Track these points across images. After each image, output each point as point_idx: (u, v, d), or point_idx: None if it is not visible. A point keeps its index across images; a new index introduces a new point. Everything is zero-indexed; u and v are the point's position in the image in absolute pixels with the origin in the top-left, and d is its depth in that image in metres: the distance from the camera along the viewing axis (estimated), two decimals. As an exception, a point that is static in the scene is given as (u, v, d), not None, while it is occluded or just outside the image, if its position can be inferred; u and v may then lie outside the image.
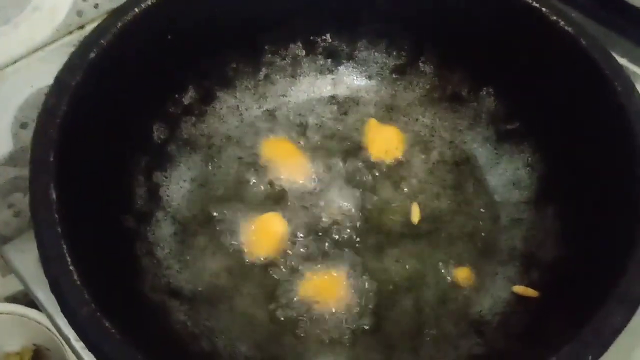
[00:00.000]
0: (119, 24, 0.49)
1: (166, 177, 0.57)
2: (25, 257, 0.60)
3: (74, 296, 0.37)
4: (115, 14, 0.50)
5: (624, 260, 0.42)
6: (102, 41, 0.48)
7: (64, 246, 0.38)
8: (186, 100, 0.59)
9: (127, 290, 0.46)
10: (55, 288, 0.37)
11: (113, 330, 0.36)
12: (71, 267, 0.38)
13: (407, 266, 0.55)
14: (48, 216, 0.39)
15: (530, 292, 0.50)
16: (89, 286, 0.38)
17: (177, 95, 0.58)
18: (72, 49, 0.49)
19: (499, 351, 0.47)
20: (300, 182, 0.59)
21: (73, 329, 0.36)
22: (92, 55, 0.47)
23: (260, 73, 0.63)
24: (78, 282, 0.37)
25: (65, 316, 0.37)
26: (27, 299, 0.69)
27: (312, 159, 0.60)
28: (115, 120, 0.51)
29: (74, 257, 0.38)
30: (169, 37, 0.54)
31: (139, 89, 0.52)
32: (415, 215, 0.57)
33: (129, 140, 0.53)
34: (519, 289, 0.51)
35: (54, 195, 0.40)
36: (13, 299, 0.70)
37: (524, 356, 0.43)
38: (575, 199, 0.53)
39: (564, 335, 0.41)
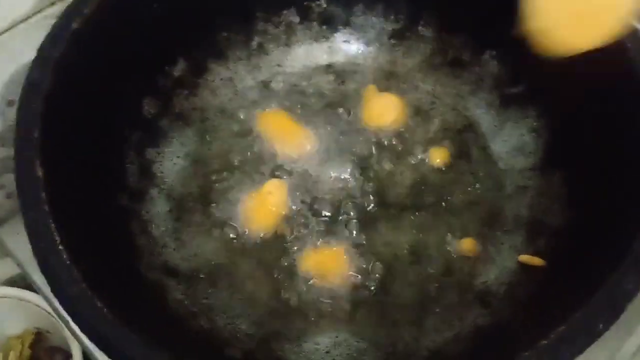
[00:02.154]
0: (102, -8, 0.47)
1: (159, 153, 0.55)
2: (20, 240, 0.57)
3: (63, 275, 0.35)
4: (97, -18, 0.47)
5: (635, 223, 0.40)
6: (85, 10, 0.46)
7: (52, 225, 0.37)
8: (177, 72, 0.56)
9: (122, 269, 0.44)
10: (45, 267, 0.36)
11: (105, 310, 0.34)
12: (60, 247, 0.36)
13: (410, 238, 0.53)
14: (34, 194, 0.37)
15: (537, 261, 0.49)
16: (80, 265, 0.36)
17: (167, 68, 0.56)
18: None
19: (505, 321, 0.46)
20: (298, 154, 0.57)
21: (64, 308, 0.35)
22: (75, 25, 0.45)
23: (253, 42, 0.61)
24: (67, 261, 0.36)
25: (55, 295, 0.35)
26: (25, 282, 0.68)
27: (310, 131, 0.58)
28: (103, 93, 0.49)
29: (63, 236, 0.37)
30: (155, 5, 0.52)
31: (126, 60, 0.50)
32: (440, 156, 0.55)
33: (119, 115, 0.51)
34: (525, 258, 0.50)
35: (39, 173, 0.38)
36: (12, 282, 0.69)
37: (531, 325, 0.42)
38: (583, 164, 0.51)
39: (573, 303, 0.39)
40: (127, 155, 0.52)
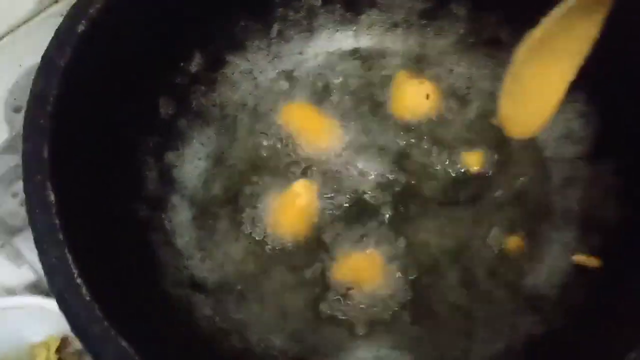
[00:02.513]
0: (109, -12, 0.43)
1: (179, 157, 0.51)
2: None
3: (82, 313, 0.32)
4: (103, -23, 0.43)
5: None
6: (91, 10, 0.42)
7: (69, 256, 0.34)
8: (193, 68, 0.52)
9: (146, 291, 0.41)
10: (62, 304, 0.33)
11: (130, 348, 0.31)
12: (78, 280, 0.33)
13: (450, 237, 0.49)
14: (47, 222, 0.34)
15: (592, 262, 0.45)
16: (100, 299, 0.33)
17: (182, 64, 0.52)
18: (60, 20, 0.43)
19: (560, 330, 0.42)
20: (327, 150, 0.53)
21: (85, 349, 0.32)
22: (81, 28, 0.41)
23: (273, 30, 0.56)
24: (87, 297, 0.33)
25: (76, 335, 0.33)
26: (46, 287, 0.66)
27: (338, 123, 0.54)
28: (115, 98, 0.45)
29: (80, 268, 0.34)
30: (168, -2, 0.47)
31: (138, 60, 0.46)
32: (475, 162, 0.51)
33: (133, 119, 0.48)
34: (580, 258, 0.46)
35: (51, 197, 0.35)
36: (32, 287, 0.67)
37: (592, 340, 0.38)
38: (637, 151, 0.47)
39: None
40: (145, 161, 0.49)
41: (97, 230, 0.39)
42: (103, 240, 0.39)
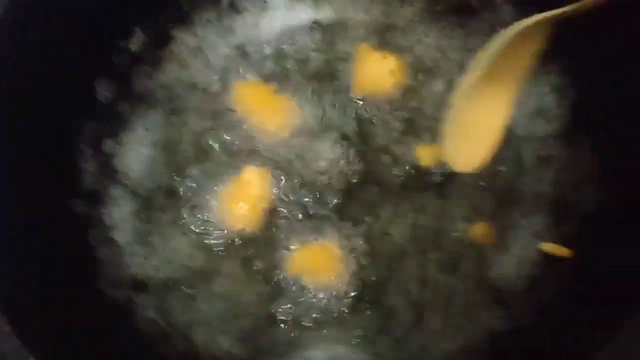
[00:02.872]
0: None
1: (120, 145, 0.48)
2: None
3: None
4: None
5: None
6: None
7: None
8: (134, 46, 0.48)
9: (78, 295, 0.38)
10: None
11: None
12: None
13: (412, 225, 0.46)
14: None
15: (562, 251, 0.41)
16: (12, 315, 0.30)
17: (120, 42, 0.48)
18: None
19: (525, 328, 0.39)
20: (282, 133, 0.49)
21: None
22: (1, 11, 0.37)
23: (223, 1, 0.52)
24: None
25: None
26: None
27: (294, 103, 0.50)
28: (44, 83, 0.41)
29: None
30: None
31: (68, 40, 0.42)
32: (426, 157, 0.47)
33: (67, 106, 0.44)
34: (548, 247, 0.42)
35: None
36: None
37: (558, 338, 0.35)
38: (616, 130, 0.43)
39: (609, 310, 0.32)
40: (81, 152, 0.45)
41: (24, 232, 0.36)
42: (30, 242, 0.36)
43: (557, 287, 0.40)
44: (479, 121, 0.41)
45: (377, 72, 0.51)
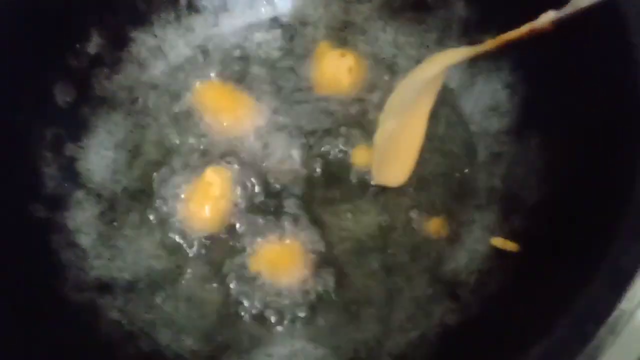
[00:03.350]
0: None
1: (82, 148, 0.48)
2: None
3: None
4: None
5: (621, 206, 0.34)
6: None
7: None
8: (91, 48, 0.49)
9: (42, 300, 0.39)
10: None
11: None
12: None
13: (371, 221, 0.48)
14: None
15: (511, 246, 0.43)
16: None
17: (78, 45, 0.48)
18: None
19: (475, 320, 0.41)
20: (243, 133, 0.50)
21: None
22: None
23: (181, 0, 0.52)
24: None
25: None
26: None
27: (255, 102, 0.51)
28: (0, 85, 0.41)
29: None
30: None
31: (22, 45, 0.42)
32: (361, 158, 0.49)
33: (25, 111, 0.44)
34: (498, 241, 0.44)
35: None
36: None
37: (506, 332, 0.37)
38: (563, 126, 0.44)
39: (552, 303, 0.34)
40: (42, 156, 0.45)
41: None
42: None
43: (505, 281, 0.42)
44: (402, 139, 0.45)
45: (336, 70, 0.52)
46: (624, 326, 0.33)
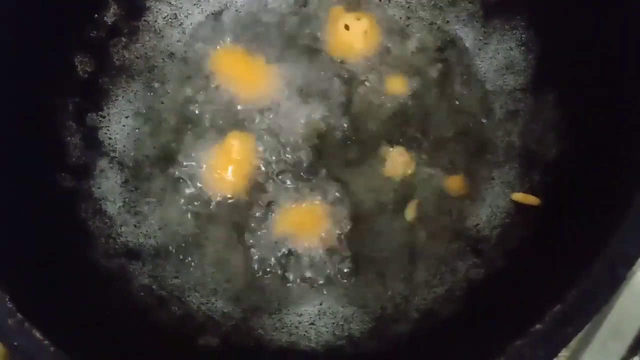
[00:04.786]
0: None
1: (103, 117, 0.49)
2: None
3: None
4: None
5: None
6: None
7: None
8: (109, 18, 0.49)
9: (74, 268, 0.40)
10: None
11: (46, 342, 0.30)
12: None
13: (392, 180, 0.48)
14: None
15: (531, 200, 0.44)
16: (14, 287, 0.32)
17: (96, 15, 0.48)
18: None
19: (498, 274, 0.42)
20: (261, 97, 0.51)
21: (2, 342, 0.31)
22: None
23: (195, -32, 0.52)
24: (-3, 289, 0.31)
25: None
26: None
27: (272, 67, 0.52)
28: (20, 63, 0.42)
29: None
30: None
31: (41, 18, 0.43)
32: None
33: (47, 83, 0.45)
34: (519, 196, 0.45)
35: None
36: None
37: (533, 283, 0.38)
38: (579, 82, 0.45)
39: (569, 264, 0.35)
40: (65, 127, 0.46)
41: (15, 211, 0.37)
42: (21, 221, 0.38)
43: (527, 234, 0.43)
44: None
45: (350, 34, 0.52)
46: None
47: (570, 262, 0.35)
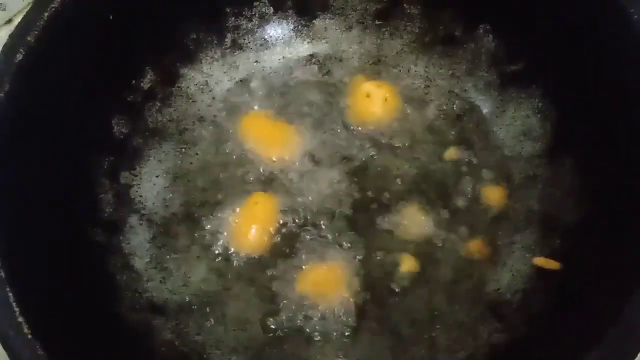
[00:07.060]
0: (46, 13, 0.42)
1: (135, 176, 0.51)
2: None
3: (25, 354, 0.32)
4: (39, 2, 0.42)
5: None
6: (29, 38, 0.41)
7: (10, 294, 0.33)
8: (145, 84, 0.52)
9: (100, 320, 0.41)
10: (4, 342, 0.32)
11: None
12: (20, 319, 0.33)
13: (412, 244, 0.49)
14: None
15: (552, 264, 0.45)
16: (44, 339, 0.33)
17: (133, 81, 0.51)
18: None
19: (522, 338, 0.42)
20: (286, 160, 0.53)
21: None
22: (20, 57, 0.41)
23: (226, 40, 0.56)
24: (29, 335, 0.32)
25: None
26: None
27: (296, 132, 0.54)
28: (64, 122, 0.44)
29: (23, 305, 0.33)
30: (110, 16, 0.46)
31: (85, 83, 0.46)
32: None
33: (86, 142, 0.47)
34: (540, 261, 0.45)
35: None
36: None
37: (556, 348, 0.38)
38: (596, 148, 0.46)
39: (597, 319, 0.35)
40: (100, 184, 0.48)
41: (48, 262, 0.39)
42: (54, 271, 0.39)
43: (549, 298, 0.43)
44: None
45: (371, 101, 0.55)
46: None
47: (591, 327, 0.36)
